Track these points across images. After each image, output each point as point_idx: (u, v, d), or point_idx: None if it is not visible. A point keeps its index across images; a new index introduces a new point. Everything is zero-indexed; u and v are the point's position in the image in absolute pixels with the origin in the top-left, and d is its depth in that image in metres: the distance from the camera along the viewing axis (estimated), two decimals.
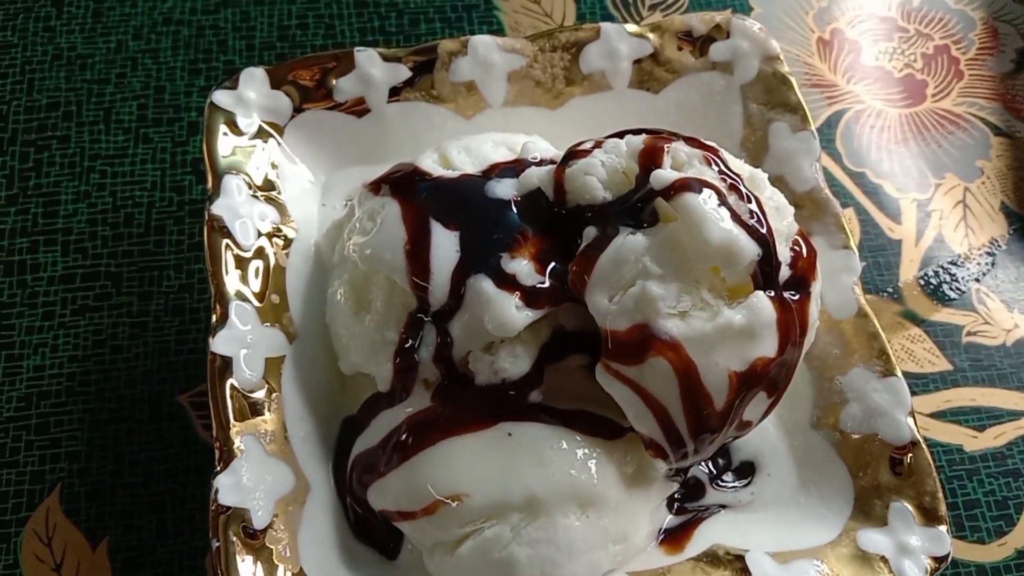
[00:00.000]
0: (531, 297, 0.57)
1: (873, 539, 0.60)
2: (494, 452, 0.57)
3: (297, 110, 0.73)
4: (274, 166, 0.71)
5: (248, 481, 0.58)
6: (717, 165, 0.58)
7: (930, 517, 0.61)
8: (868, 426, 0.64)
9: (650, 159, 0.57)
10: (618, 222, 0.57)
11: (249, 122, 0.71)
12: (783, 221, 0.59)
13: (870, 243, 0.86)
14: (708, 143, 0.60)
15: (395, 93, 0.74)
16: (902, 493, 0.62)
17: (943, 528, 0.60)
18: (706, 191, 0.55)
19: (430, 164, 0.65)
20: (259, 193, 0.69)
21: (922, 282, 0.84)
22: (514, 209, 0.61)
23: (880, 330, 0.66)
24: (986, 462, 0.77)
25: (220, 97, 0.71)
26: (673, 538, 0.63)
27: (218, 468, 0.58)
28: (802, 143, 0.72)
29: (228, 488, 0.57)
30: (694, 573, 0.60)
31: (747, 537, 0.62)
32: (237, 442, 0.59)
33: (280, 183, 0.71)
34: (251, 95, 0.71)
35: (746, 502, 0.65)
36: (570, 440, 0.58)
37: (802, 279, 0.59)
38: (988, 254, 0.86)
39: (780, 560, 0.60)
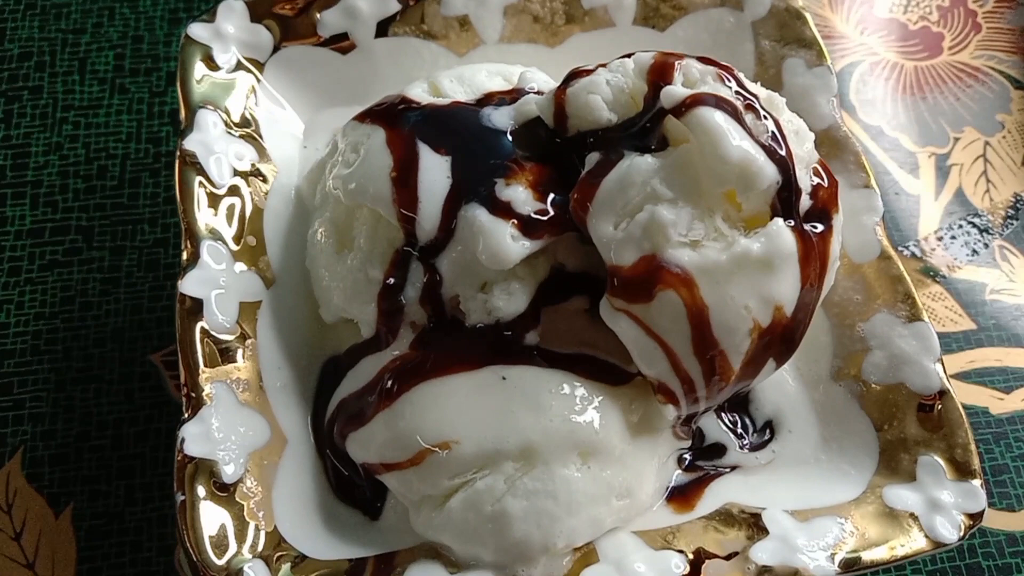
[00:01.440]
0: (528, 226, 0.52)
1: (901, 495, 0.55)
2: (487, 396, 0.52)
3: (278, 46, 0.68)
4: (253, 104, 0.66)
5: (218, 431, 0.53)
6: (733, 83, 0.53)
7: (962, 471, 0.56)
8: (893, 375, 0.59)
9: (660, 76, 0.52)
10: (625, 147, 0.53)
11: (227, 57, 0.67)
12: (803, 146, 0.54)
13: (887, 198, 0.81)
14: (723, 63, 0.55)
15: (383, 28, 0.69)
16: (931, 446, 0.57)
17: (977, 482, 0.55)
18: (721, 107, 0.50)
19: (419, 93, 0.60)
20: (236, 130, 0.64)
21: (942, 238, 0.79)
22: (510, 137, 0.56)
23: (905, 273, 0.61)
24: (1014, 425, 0.72)
25: (196, 30, 0.66)
26: (682, 496, 0.58)
27: (185, 416, 0.53)
28: (818, 79, 0.67)
29: (195, 437, 0.52)
30: (706, 532, 0.55)
31: (764, 496, 0.57)
32: (207, 389, 0.54)
33: (259, 122, 0.66)
34: (229, 28, 0.67)
35: (765, 461, 0.60)
36: (570, 384, 0.53)
37: (823, 211, 0.54)
38: (1011, 208, 0.81)
39: (800, 519, 0.55)
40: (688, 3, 0.72)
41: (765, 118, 0.52)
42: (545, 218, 0.53)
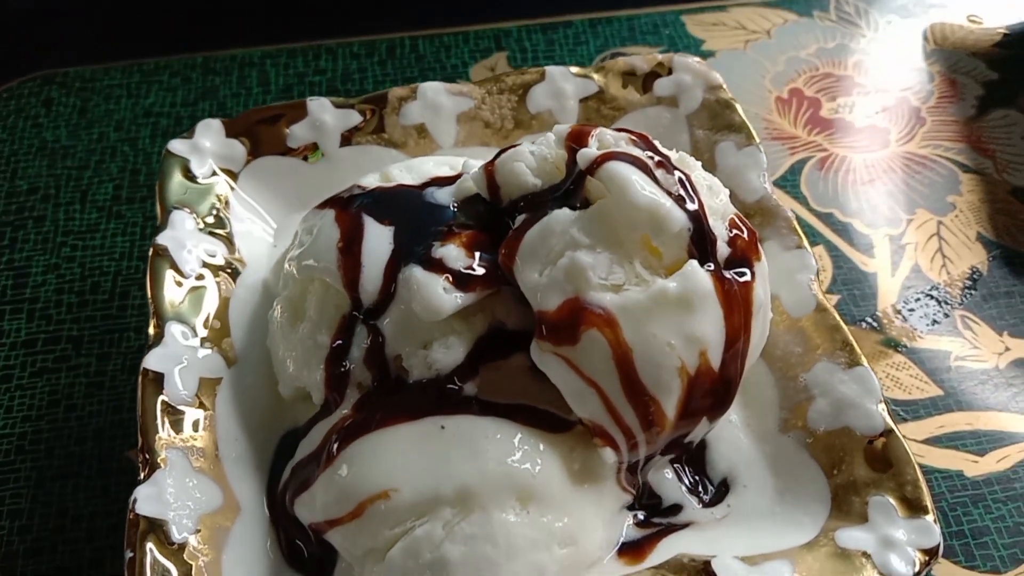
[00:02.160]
0: (460, 280, 0.56)
1: (853, 536, 0.55)
2: (425, 445, 0.54)
3: (251, 156, 0.75)
4: (226, 207, 0.72)
5: (171, 494, 0.55)
6: (644, 147, 0.58)
7: (913, 507, 0.55)
8: (838, 420, 0.60)
9: (576, 141, 0.57)
10: (550, 207, 0.57)
11: (204, 169, 0.73)
12: (716, 198, 0.58)
13: (844, 277, 0.83)
14: (637, 131, 0.60)
15: (347, 139, 0.76)
16: (881, 486, 0.56)
17: (929, 518, 0.54)
18: (631, 162, 0.55)
19: (371, 181, 0.65)
20: (208, 229, 0.70)
21: (901, 310, 0.81)
22: (452, 208, 0.61)
23: (841, 322, 0.63)
24: (991, 487, 0.70)
25: (176, 145, 0.73)
26: (634, 550, 0.57)
27: (140, 477, 0.55)
28: (748, 157, 0.72)
29: (148, 498, 0.54)
30: None
31: (717, 548, 0.57)
32: (162, 454, 0.56)
33: (232, 224, 0.72)
34: (206, 143, 0.74)
35: (720, 516, 0.60)
36: (508, 430, 0.55)
37: (744, 259, 0.57)
38: (968, 280, 0.83)
39: (750, 563, 0.54)
40: (627, 104, 0.78)
41: (675, 172, 0.56)
42: (477, 273, 0.56)
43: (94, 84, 1.01)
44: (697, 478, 0.62)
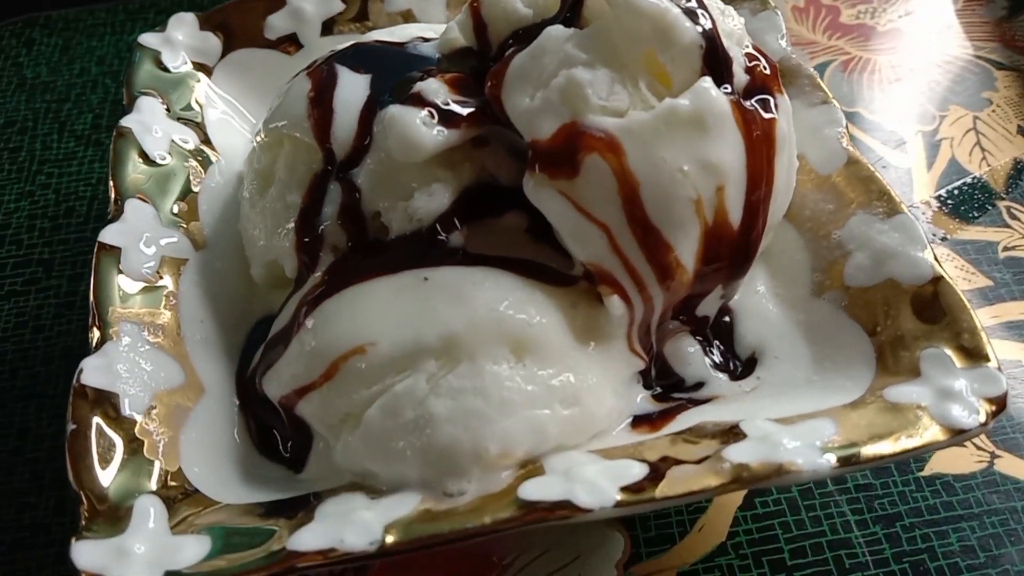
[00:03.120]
0: (443, 116, 0.49)
1: (904, 391, 0.47)
2: (405, 297, 0.47)
3: (227, 50, 0.70)
4: (202, 100, 0.67)
5: (122, 367, 0.49)
6: None
7: (973, 356, 0.47)
8: (879, 273, 0.52)
9: None
10: None
11: (177, 62, 0.68)
12: (730, 21, 0.51)
13: None
14: None
15: (328, 28, 0.71)
16: (933, 337, 0.49)
17: (991, 365, 0.47)
18: None
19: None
20: (179, 117, 0.64)
21: (940, 201, 0.74)
22: (436, 60, 0.55)
23: (876, 172, 0.56)
24: None
25: (147, 38, 0.68)
26: (648, 422, 0.50)
27: (91, 349, 0.49)
28: (764, 21, 0.66)
29: (95, 369, 0.48)
30: (674, 445, 0.46)
31: (745, 416, 0.49)
32: (115, 327, 0.50)
33: (206, 115, 0.66)
34: (179, 36, 0.69)
35: (749, 388, 0.52)
36: (500, 279, 0.48)
37: (763, 88, 0.51)
38: (1012, 171, 0.76)
39: (785, 423, 0.46)
40: None
41: None
42: (462, 109, 0.50)
43: (77, 24, 0.97)
44: (723, 353, 0.55)
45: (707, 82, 0.47)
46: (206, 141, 0.65)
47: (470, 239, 0.50)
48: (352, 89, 0.52)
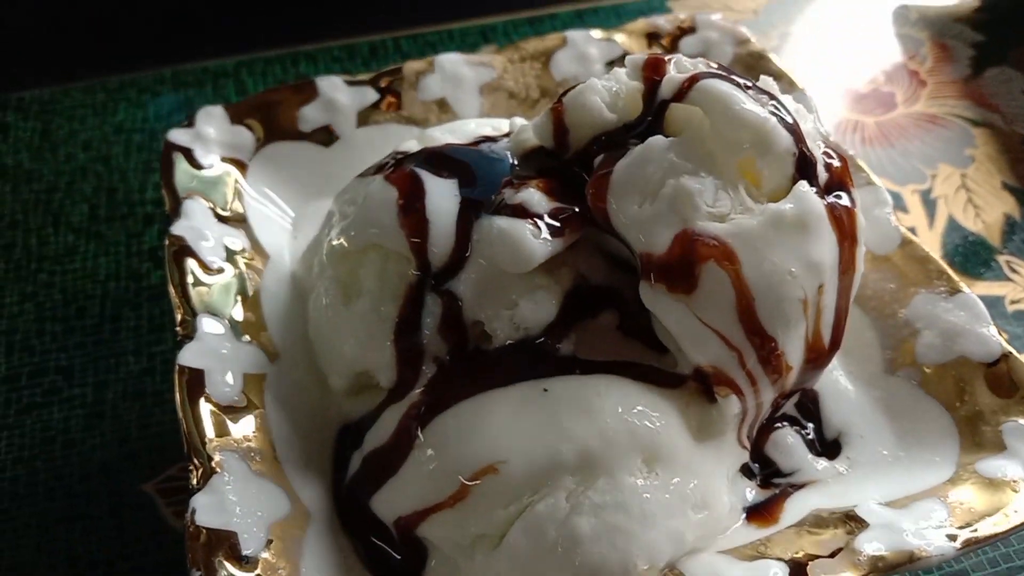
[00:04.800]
0: (549, 225, 0.50)
1: (995, 465, 0.50)
2: (528, 411, 0.47)
3: (260, 144, 0.68)
4: (239, 197, 0.65)
5: (233, 501, 0.47)
6: (724, 71, 0.53)
7: None
8: (951, 351, 0.55)
9: (654, 71, 0.52)
10: (632, 146, 0.51)
11: (210, 160, 0.66)
12: (805, 122, 0.54)
13: None
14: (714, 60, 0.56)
15: (363, 119, 0.70)
16: (1011, 411, 0.52)
17: None
18: (724, 79, 0.50)
19: (411, 145, 0.59)
20: (225, 216, 0.62)
21: (949, 259, 0.78)
22: (512, 164, 0.55)
23: (931, 253, 0.59)
24: None
25: (176, 135, 0.66)
26: (762, 514, 0.51)
27: (194, 486, 0.47)
28: (796, 103, 0.68)
29: (207, 508, 0.46)
30: (799, 537, 0.48)
31: (850, 499, 0.51)
32: (217, 457, 0.48)
33: (248, 213, 0.64)
34: (210, 131, 0.67)
35: (843, 470, 0.55)
36: (619, 387, 0.48)
37: (841, 184, 0.53)
38: (1005, 227, 0.81)
39: (897, 507, 0.49)
40: None
41: (765, 95, 0.52)
42: (563, 216, 0.50)
43: (54, 106, 0.92)
44: (816, 437, 0.57)
45: (804, 186, 0.49)
46: (253, 241, 0.63)
47: (577, 340, 0.50)
48: (441, 196, 0.52)
